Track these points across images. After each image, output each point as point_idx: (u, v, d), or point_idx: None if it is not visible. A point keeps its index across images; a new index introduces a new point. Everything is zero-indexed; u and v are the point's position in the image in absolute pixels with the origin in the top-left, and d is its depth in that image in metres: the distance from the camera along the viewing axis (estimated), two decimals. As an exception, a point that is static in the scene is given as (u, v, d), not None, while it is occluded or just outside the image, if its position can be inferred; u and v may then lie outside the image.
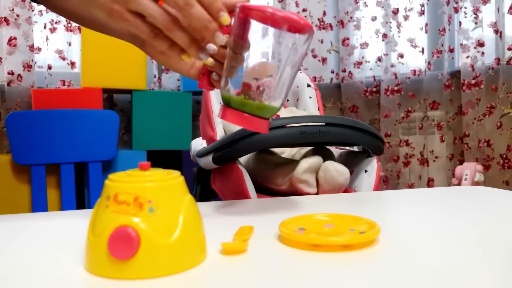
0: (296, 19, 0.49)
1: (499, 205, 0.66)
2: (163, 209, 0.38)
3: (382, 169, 2.42)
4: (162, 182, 0.39)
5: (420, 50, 2.42)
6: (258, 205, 0.69)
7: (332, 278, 0.37)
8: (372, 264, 0.41)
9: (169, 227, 0.38)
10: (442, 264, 0.39)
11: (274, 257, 0.43)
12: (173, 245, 0.38)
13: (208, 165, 0.80)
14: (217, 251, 0.44)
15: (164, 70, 2.36)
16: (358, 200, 0.74)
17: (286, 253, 0.44)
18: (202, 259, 0.41)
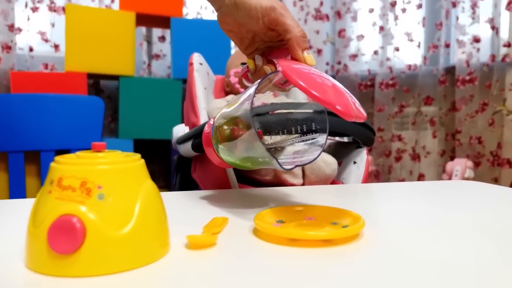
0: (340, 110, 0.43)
1: (488, 199, 0.64)
2: (115, 196, 0.33)
3: (374, 164, 2.38)
4: (116, 165, 0.34)
5: (417, 44, 2.38)
6: (237, 196, 0.65)
7: (308, 276, 0.32)
8: (354, 261, 0.36)
9: (122, 217, 0.33)
10: (428, 261, 0.35)
11: (245, 252, 0.39)
12: (125, 238, 0.33)
13: (188, 153, 0.76)
14: (182, 245, 0.40)
15: (154, 56, 2.30)
16: (345, 192, 0.70)
17: (259, 248, 0.40)
18: (162, 254, 0.36)
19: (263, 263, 0.36)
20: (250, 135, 0.48)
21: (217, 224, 0.45)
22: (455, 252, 0.38)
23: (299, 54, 0.51)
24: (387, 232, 0.45)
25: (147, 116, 1.95)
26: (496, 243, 0.42)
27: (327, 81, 0.47)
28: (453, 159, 2.27)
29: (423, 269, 0.34)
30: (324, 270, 0.34)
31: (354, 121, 0.44)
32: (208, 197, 0.62)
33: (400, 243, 0.41)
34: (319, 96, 0.42)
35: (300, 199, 0.63)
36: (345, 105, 0.43)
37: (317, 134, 0.55)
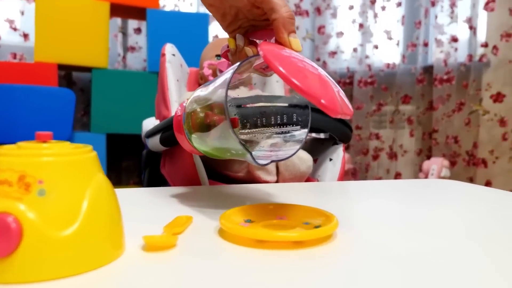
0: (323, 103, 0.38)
1: (464, 198, 0.62)
2: (59, 192, 0.29)
3: (351, 162, 2.37)
4: (61, 157, 0.30)
5: (396, 42, 2.38)
6: (206, 193, 0.61)
7: (276, 281, 0.29)
8: (325, 265, 0.33)
9: (67, 216, 0.29)
10: (403, 263, 0.32)
11: (207, 254, 0.35)
12: (70, 239, 0.29)
13: (156, 147, 0.72)
14: (139, 247, 0.36)
15: (129, 49, 2.24)
16: (320, 190, 0.67)
17: (224, 250, 0.37)
18: (114, 257, 0.33)
19: (226, 267, 0.33)
20: (224, 123, 0.44)
21: (179, 223, 0.42)
22: (432, 252, 0.36)
23: (284, 37, 0.46)
24: (361, 232, 0.42)
25: (121, 110, 1.89)
26: (473, 241, 0.39)
27: (312, 70, 0.42)
28: (429, 158, 2.28)
29: (398, 271, 0.31)
30: (293, 274, 0.31)
31: (340, 117, 0.39)
32: (174, 194, 0.58)
33: (374, 244, 0.38)
34: (301, 87, 0.37)
35: (273, 197, 0.60)
36: (331, 99, 0.38)
37: (297, 127, 0.51)
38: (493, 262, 0.34)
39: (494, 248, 0.38)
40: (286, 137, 0.51)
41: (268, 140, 0.53)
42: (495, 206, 0.56)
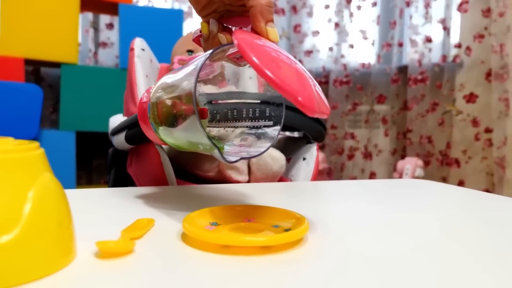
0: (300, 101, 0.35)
1: (438, 197, 0.61)
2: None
3: (326, 161, 2.37)
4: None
5: (371, 42, 2.38)
6: (173, 194, 0.58)
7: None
8: (295, 271, 0.31)
9: (5, 221, 0.26)
10: (377, 268, 0.30)
11: (167, 261, 0.33)
12: (10, 246, 0.26)
13: (122, 145, 0.68)
14: (91, 253, 0.33)
15: (101, 44, 2.18)
16: (293, 190, 0.65)
17: (186, 256, 0.34)
18: (62, 265, 0.30)
19: (188, 275, 0.30)
20: (191, 114, 0.41)
21: (139, 227, 0.39)
22: (408, 254, 0.34)
23: (261, 26, 0.43)
24: (334, 235, 0.40)
25: (91, 107, 1.84)
26: (449, 240, 0.38)
27: (290, 63, 0.39)
28: (404, 158, 2.30)
29: (372, 275, 0.29)
30: (260, 281, 0.29)
31: (317, 117, 0.36)
32: (138, 195, 0.55)
33: (347, 248, 0.36)
34: (276, 81, 0.34)
35: (243, 197, 0.57)
36: (308, 96, 0.35)
37: (270, 122, 0.48)
38: (468, 260, 0.33)
39: (469, 246, 0.36)
40: (258, 133, 0.49)
41: (239, 135, 0.50)
42: (469, 206, 0.55)
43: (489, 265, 0.33)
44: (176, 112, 0.42)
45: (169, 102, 0.43)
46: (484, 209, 0.53)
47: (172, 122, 0.43)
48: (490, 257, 0.35)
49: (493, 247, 0.37)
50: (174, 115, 0.43)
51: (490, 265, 0.33)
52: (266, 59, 0.36)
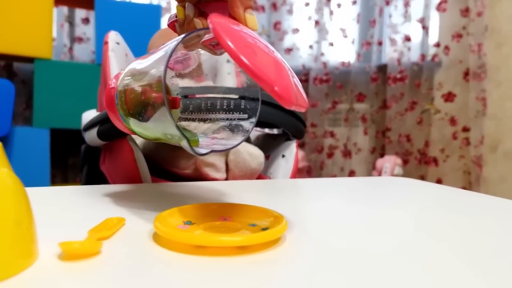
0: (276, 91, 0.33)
1: (417, 195, 0.60)
2: None
3: (306, 160, 2.36)
4: None
5: (351, 40, 2.39)
6: (147, 191, 0.56)
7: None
8: (273, 272, 0.29)
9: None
10: (355, 268, 0.29)
11: (137, 263, 0.30)
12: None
13: (94, 141, 0.65)
14: (55, 255, 0.31)
15: (76, 39, 2.12)
16: (271, 188, 0.63)
17: (157, 257, 0.32)
18: (22, 267, 0.27)
19: (159, 278, 0.28)
20: (161, 103, 0.38)
21: (108, 226, 0.37)
22: (387, 253, 0.33)
23: (239, 12, 0.41)
24: (313, 234, 0.39)
25: (66, 104, 1.79)
26: (428, 238, 0.36)
27: (267, 51, 0.37)
28: (383, 156, 2.31)
29: (352, 276, 0.28)
30: (236, 283, 0.27)
31: (293, 109, 0.34)
32: (110, 193, 0.53)
33: (326, 248, 0.35)
34: (252, 68, 0.32)
35: (220, 195, 0.55)
36: (285, 87, 0.34)
37: (245, 115, 0.46)
38: (449, 257, 0.32)
39: (450, 243, 0.35)
40: (232, 126, 0.47)
41: (212, 126, 0.48)
42: (448, 203, 0.54)
43: (470, 262, 0.32)
44: (145, 100, 0.40)
45: (138, 90, 0.41)
46: (464, 206, 0.53)
47: (140, 111, 0.41)
48: (470, 254, 0.33)
49: (473, 243, 0.36)
50: (143, 103, 0.40)
51: (471, 262, 0.32)
52: (242, 45, 0.34)
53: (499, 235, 0.40)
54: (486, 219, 0.46)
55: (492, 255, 0.34)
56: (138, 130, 0.43)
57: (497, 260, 0.33)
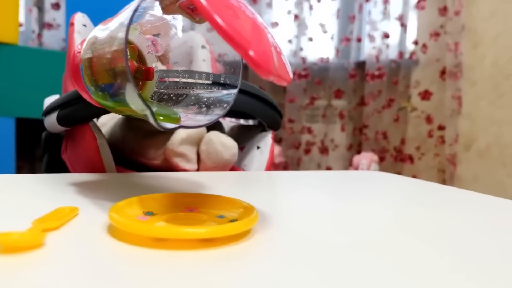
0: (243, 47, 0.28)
1: (392, 188, 0.58)
2: None
3: (283, 155, 2.34)
4: None
5: (331, 36, 2.37)
6: (109, 181, 0.52)
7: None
8: (240, 267, 0.26)
9: None
10: (329, 264, 0.26)
11: (86, 257, 0.27)
12: None
13: (54, 127, 0.61)
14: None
15: (45, 25, 2.04)
16: (245, 179, 0.60)
17: (111, 251, 0.28)
18: None
19: (111, 272, 0.24)
20: (124, 69, 0.34)
21: (57, 216, 0.33)
22: (362, 247, 0.30)
23: None
24: (285, 228, 0.36)
25: (33, 92, 1.71)
26: (403, 231, 0.34)
27: (248, 13, 0.33)
28: (359, 153, 2.30)
29: (325, 271, 0.25)
30: (199, 280, 0.23)
31: (272, 80, 0.30)
32: (68, 182, 0.48)
33: (299, 241, 0.32)
34: (225, 28, 0.28)
35: (188, 186, 0.52)
36: (263, 53, 0.29)
37: (224, 92, 0.42)
38: (424, 252, 0.29)
39: (426, 238, 0.33)
40: (209, 102, 0.43)
41: (187, 102, 0.44)
42: (425, 197, 0.52)
43: (446, 255, 0.29)
44: (114, 68, 0.36)
45: (105, 56, 0.37)
46: (439, 200, 0.50)
47: (109, 81, 0.37)
48: (446, 248, 0.31)
49: (448, 236, 0.34)
50: (112, 73, 0.36)
51: (446, 255, 0.29)
52: (222, 5, 0.30)
53: (474, 228, 0.38)
54: (462, 213, 0.44)
55: (468, 248, 0.31)
56: (104, 103, 0.39)
57: (472, 253, 0.30)
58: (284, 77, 0.31)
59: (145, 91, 0.46)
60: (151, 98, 0.47)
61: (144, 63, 0.46)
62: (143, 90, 0.46)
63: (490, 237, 0.35)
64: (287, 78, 0.32)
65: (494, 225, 0.39)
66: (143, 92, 0.46)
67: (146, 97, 0.46)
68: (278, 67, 0.31)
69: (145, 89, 0.46)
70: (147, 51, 0.47)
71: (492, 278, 0.26)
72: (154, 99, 0.47)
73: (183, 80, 0.48)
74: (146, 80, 0.45)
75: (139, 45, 0.46)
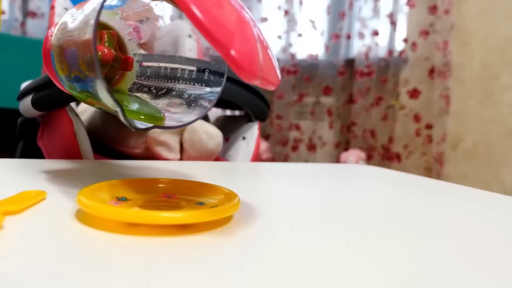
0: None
1: (381, 181, 0.56)
2: None
3: (270, 151, 2.32)
4: None
5: (320, 32, 2.35)
6: (85, 169, 0.49)
7: (145, 275, 0.19)
8: (218, 256, 0.24)
9: None
10: (315, 257, 0.24)
11: (48, 242, 0.24)
12: None
13: (29, 111, 0.58)
14: None
15: (29, 14, 1.99)
16: (229, 170, 0.58)
17: (77, 236, 0.26)
18: None
19: (76, 260, 0.22)
20: (92, 59, 0.31)
21: (21, 199, 0.30)
22: (345, 238, 0.28)
23: None
24: (268, 215, 0.33)
25: (15, 81, 1.66)
26: (393, 225, 0.32)
27: (234, 4, 0.29)
28: (347, 151, 2.29)
29: (310, 263, 0.22)
30: (174, 267, 0.21)
31: (257, 84, 0.26)
32: (40, 167, 0.45)
33: (282, 230, 0.29)
34: (203, 21, 0.24)
35: (168, 175, 0.49)
36: (247, 53, 0.26)
37: (207, 89, 0.40)
38: (411, 243, 0.27)
39: (415, 228, 0.31)
40: (190, 99, 0.40)
41: (167, 99, 0.42)
42: (415, 190, 0.50)
43: (437, 246, 0.27)
44: (83, 57, 0.33)
45: (74, 45, 0.34)
46: (433, 194, 0.49)
47: (78, 71, 0.34)
48: (438, 239, 0.29)
49: (442, 230, 0.32)
50: (81, 62, 0.33)
51: (438, 246, 0.27)
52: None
53: (467, 220, 0.36)
54: (454, 206, 0.42)
55: (460, 240, 0.30)
56: (74, 93, 0.36)
57: (464, 245, 0.28)
58: (271, 80, 0.27)
59: (124, 81, 0.44)
60: (130, 90, 0.44)
61: (124, 51, 0.44)
62: (122, 81, 0.44)
63: (482, 229, 0.34)
64: (274, 81, 0.28)
65: (485, 218, 0.38)
66: (122, 82, 0.44)
67: (124, 89, 0.44)
68: (265, 67, 0.27)
69: (123, 80, 0.44)
70: (128, 38, 0.44)
71: (483, 269, 0.24)
72: (132, 90, 0.44)
73: (164, 65, 0.45)
74: (124, 70, 0.42)
75: (119, 32, 0.44)
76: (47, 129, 0.61)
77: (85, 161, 0.52)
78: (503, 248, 0.28)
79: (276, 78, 0.30)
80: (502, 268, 0.25)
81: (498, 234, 0.32)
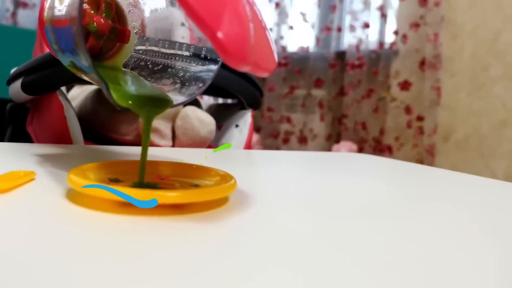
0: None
1: (374, 167, 0.56)
2: None
3: (261, 144, 2.32)
4: None
5: (311, 25, 2.35)
6: (75, 153, 0.48)
7: (135, 255, 0.18)
8: (212, 236, 0.23)
9: None
10: (308, 240, 0.23)
11: (38, 222, 0.23)
12: None
13: (18, 95, 0.56)
14: None
15: (20, 4, 1.95)
16: (222, 156, 0.57)
17: (67, 215, 0.25)
18: None
19: (65, 239, 0.21)
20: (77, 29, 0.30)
21: (9, 178, 0.29)
22: (341, 224, 0.27)
23: None
24: (264, 198, 0.33)
25: (5, 72, 1.63)
26: (387, 208, 0.31)
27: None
28: (338, 143, 2.29)
29: (305, 247, 0.22)
30: (168, 246, 0.20)
31: (247, 71, 0.24)
32: (29, 151, 0.44)
33: (277, 213, 0.29)
34: (189, 1, 0.22)
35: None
36: (235, 36, 0.23)
37: (203, 67, 0.38)
38: (405, 230, 0.27)
39: (409, 214, 0.30)
40: (185, 78, 0.39)
41: (161, 76, 0.41)
42: (406, 175, 0.50)
43: (437, 229, 0.27)
44: (71, 27, 0.32)
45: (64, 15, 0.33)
46: (429, 179, 0.49)
47: (66, 43, 0.33)
48: (436, 223, 0.29)
49: (431, 214, 0.32)
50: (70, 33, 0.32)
51: (437, 230, 0.27)
52: None
53: (461, 204, 0.36)
54: (451, 192, 0.42)
55: (458, 223, 0.29)
56: (64, 63, 0.35)
57: (465, 229, 0.28)
58: (263, 65, 0.25)
59: (120, 55, 0.43)
60: (127, 63, 0.43)
61: (123, 23, 0.42)
62: (119, 54, 0.43)
63: (478, 212, 0.33)
64: (268, 65, 0.26)
65: (482, 202, 0.38)
66: (119, 56, 0.42)
67: (120, 63, 0.43)
68: (259, 51, 0.25)
69: (120, 53, 0.43)
70: (128, 9, 0.43)
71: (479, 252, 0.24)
72: (129, 64, 0.43)
73: (162, 50, 0.44)
74: (121, 42, 0.41)
75: (119, 2, 0.42)
76: (36, 114, 0.59)
77: (76, 146, 0.51)
78: (497, 229, 0.28)
79: (272, 62, 0.28)
80: (497, 245, 0.24)
81: (493, 218, 0.32)
